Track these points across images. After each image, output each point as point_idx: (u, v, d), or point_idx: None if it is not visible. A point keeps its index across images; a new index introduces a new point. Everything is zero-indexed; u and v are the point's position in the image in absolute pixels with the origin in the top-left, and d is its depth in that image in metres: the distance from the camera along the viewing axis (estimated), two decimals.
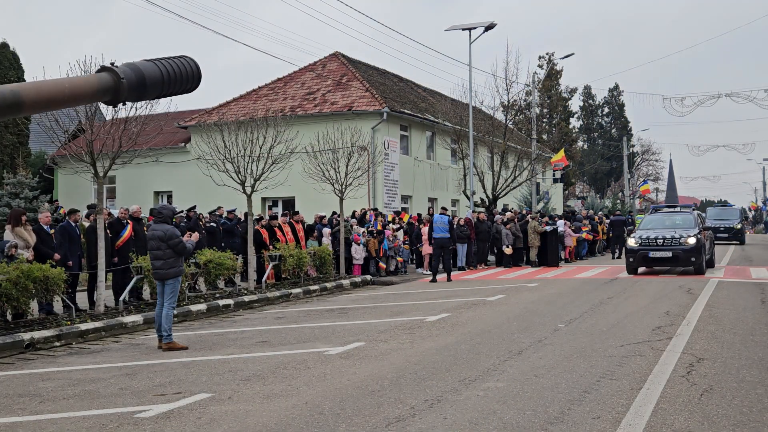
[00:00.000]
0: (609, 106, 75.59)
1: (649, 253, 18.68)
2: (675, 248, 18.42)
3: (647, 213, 23.09)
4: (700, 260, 18.32)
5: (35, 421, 6.29)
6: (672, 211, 21.67)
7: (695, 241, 18.40)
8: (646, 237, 18.99)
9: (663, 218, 20.75)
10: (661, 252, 18.55)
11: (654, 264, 18.99)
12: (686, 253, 18.29)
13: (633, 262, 19.00)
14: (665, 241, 18.63)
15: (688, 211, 21.17)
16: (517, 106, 38.23)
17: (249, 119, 17.28)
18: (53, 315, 12.00)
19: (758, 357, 8.13)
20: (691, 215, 20.28)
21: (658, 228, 19.65)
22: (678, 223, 19.95)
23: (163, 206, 10.33)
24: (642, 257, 18.78)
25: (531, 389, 6.86)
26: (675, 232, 18.82)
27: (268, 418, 6.13)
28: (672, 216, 20.79)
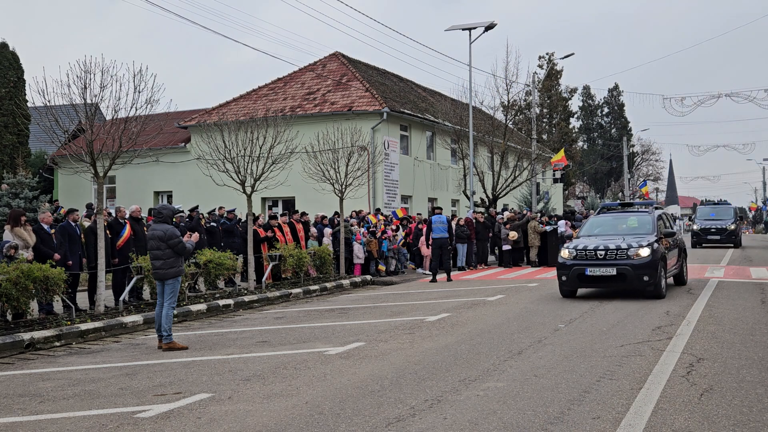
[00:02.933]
0: (609, 106, 75.62)
1: (585, 270, 13.59)
2: (621, 263, 13.43)
3: (594, 213, 17.52)
4: (656, 279, 13.32)
5: (35, 421, 6.29)
6: (626, 212, 16.44)
7: (649, 253, 13.44)
8: (583, 247, 13.95)
9: (612, 221, 15.68)
10: (601, 269, 13.50)
11: (593, 284, 13.90)
12: (636, 271, 13.26)
13: (567, 282, 13.96)
14: (608, 253, 13.60)
15: (646, 211, 15.92)
16: (517, 106, 38.24)
17: (249, 119, 17.28)
18: (53, 315, 12.00)
19: (758, 357, 8.13)
20: (650, 217, 15.25)
21: (604, 234, 14.89)
22: (631, 227, 15.16)
23: (163, 206, 10.33)
24: (577, 276, 13.73)
25: (531, 389, 6.86)
26: (623, 241, 13.92)
27: (268, 418, 6.13)
28: (625, 218, 15.80)
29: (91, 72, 11.93)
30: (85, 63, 11.94)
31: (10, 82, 27.86)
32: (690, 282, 16.68)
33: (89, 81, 11.91)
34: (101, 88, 12.01)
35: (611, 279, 13.51)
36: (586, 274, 13.59)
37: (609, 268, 13.44)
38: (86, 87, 11.90)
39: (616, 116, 75.33)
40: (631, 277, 13.29)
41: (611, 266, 13.45)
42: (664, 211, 16.97)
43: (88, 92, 11.94)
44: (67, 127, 12.55)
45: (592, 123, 75.18)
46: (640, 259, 13.37)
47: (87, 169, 12.64)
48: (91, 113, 12.17)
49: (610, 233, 14.86)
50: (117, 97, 12.16)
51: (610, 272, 13.43)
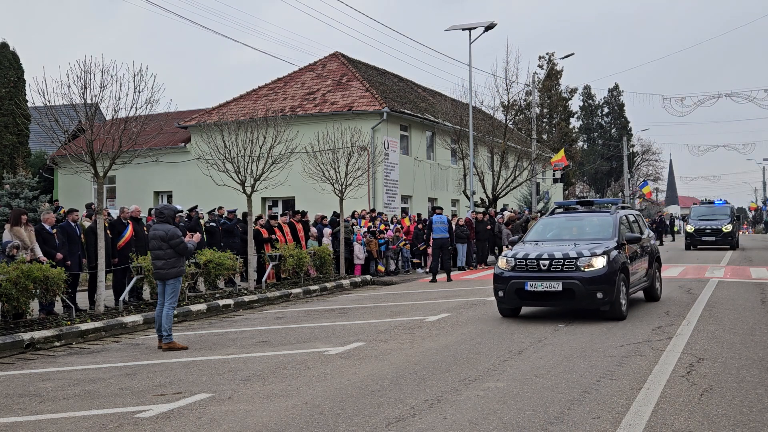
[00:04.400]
0: (609, 106, 75.63)
1: (525, 285, 11.05)
2: (568, 276, 10.84)
3: (546, 213, 14.50)
4: (613, 296, 10.81)
5: (35, 421, 6.29)
6: (583, 212, 13.39)
7: (605, 263, 10.89)
8: (524, 256, 11.36)
9: (565, 223, 12.94)
10: (544, 283, 10.93)
11: (535, 301, 11.30)
12: (587, 286, 10.72)
13: (504, 299, 11.44)
14: (553, 263, 11.01)
15: (606, 211, 12.96)
16: (517, 106, 38.24)
17: (249, 119, 17.28)
18: (53, 315, 12.00)
19: (758, 357, 8.13)
20: (610, 218, 12.33)
21: (554, 239, 12.26)
22: (588, 231, 12.38)
23: (164, 206, 10.33)
24: (515, 291, 11.21)
25: (531, 389, 6.86)
26: (574, 248, 11.23)
27: (268, 418, 6.13)
28: (580, 220, 12.94)
29: (91, 72, 11.93)
30: (85, 63, 11.96)
31: (10, 82, 27.86)
32: (690, 282, 16.68)
33: (89, 81, 11.91)
34: (101, 88, 12.02)
35: (556, 296, 10.89)
36: (526, 289, 10.96)
37: (553, 282, 10.81)
38: (86, 87, 11.90)
39: (616, 116, 75.34)
40: (580, 294, 10.68)
41: (556, 280, 10.81)
42: (634, 212, 14.17)
43: (88, 92, 11.94)
44: (67, 127, 12.55)
45: (592, 123, 75.19)
46: (593, 271, 10.76)
47: (87, 169, 12.64)
48: (91, 113, 12.17)
49: (560, 238, 12.22)
50: (117, 97, 12.18)
51: (554, 287, 10.80)
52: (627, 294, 11.44)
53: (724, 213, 33.80)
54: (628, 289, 11.52)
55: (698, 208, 36.66)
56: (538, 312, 12.27)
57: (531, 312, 12.30)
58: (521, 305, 11.64)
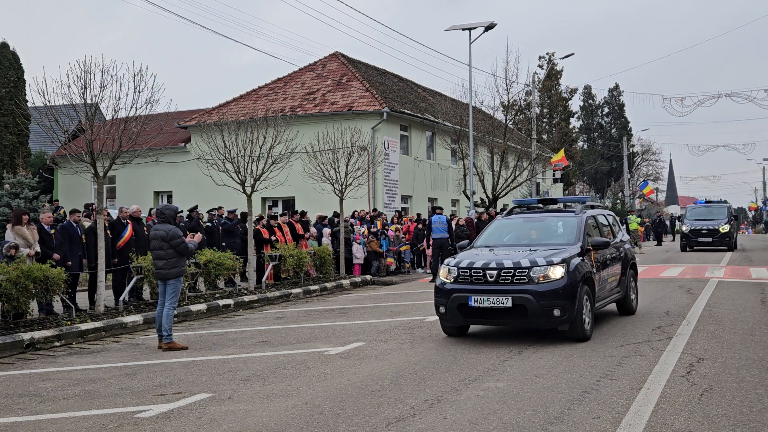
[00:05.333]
0: (609, 106, 75.60)
1: (469, 299, 9.35)
2: (519, 290, 9.15)
3: (503, 214, 12.12)
4: (575, 313, 9.13)
5: (35, 421, 6.29)
6: (543, 213, 11.61)
7: (563, 273, 9.20)
8: (468, 264, 9.60)
9: (522, 225, 11.28)
10: (491, 297, 9.22)
11: (481, 319, 9.57)
12: (542, 301, 9.06)
13: (446, 315, 9.69)
14: (502, 273, 9.28)
15: (571, 211, 11.17)
16: (517, 106, 38.24)
17: (249, 119, 17.28)
18: (53, 315, 12.00)
19: (758, 357, 8.13)
20: (575, 219, 10.62)
21: (508, 244, 10.69)
22: (547, 234, 10.73)
23: (165, 206, 10.33)
24: (458, 307, 9.47)
25: (531, 389, 6.86)
26: (529, 255, 9.51)
27: (268, 418, 6.13)
28: (539, 221, 11.28)
29: (91, 72, 11.93)
30: (85, 63, 11.96)
31: (10, 82, 27.86)
32: (690, 282, 16.69)
33: (89, 81, 11.91)
34: (101, 88, 12.01)
35: (505, 313, 9.16)
36: (470, 305, 9.25)
37: (502, 297, 9.11)
38: (86, 87, 11.90)
39: (617, 116, 75.31)
40: (534, 311, 8.99)
41: (505, 294, 9.11)
42: (606, 211, 12.37)
43: (88, 92, 11.94)
44: (67, 127, 12.55)
45: (592, 123, 75.17)
46: (549, 283, 9.08)
47: (87, 169, 12.64)
48: (91, 113, 12.17)
49: (516, 243, 10.58)
50: (117, 97, 12.18)
51: (503, 303, 9.08)
52: (592, 309, 9.70)
53: (721, 212, 32.51)
54: (593, 304, 9.76)
55: (694, 207, 35.34)
56: None
57: None
58: (465, 323, 9.81)
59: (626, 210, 47.21)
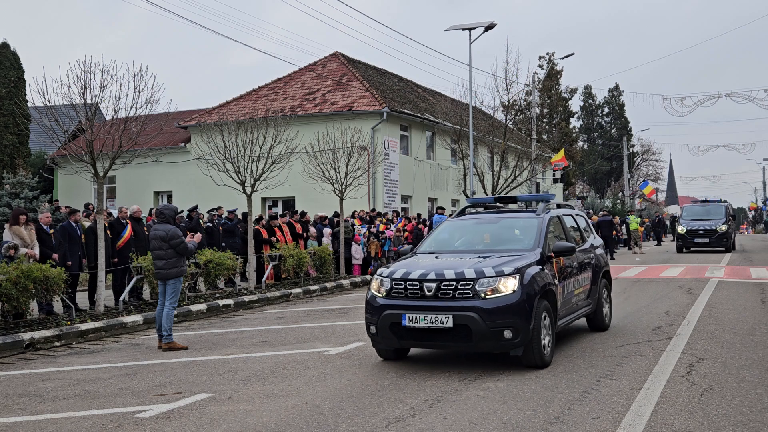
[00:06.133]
0: (609, 106, 75.61)
1: (403, 318, 7.81)
2: (462, 306, 7.64)
3: (454, 215, 10.64)
4: (530, 334, 7.66)
5: (35, 421, 6.29)
6: (500, 213, 10.17)
7: (516, 286, 7.71)
8: (403, 275, 8.10)
9: (474, 227, 9.78)
10: (428, 315, 7.68)
11: (417, 341, 7.99)
12: (489, 320, 7.53)
13: (378, 336, 8.15)
14: (442, 286, 7.77)
15: (531, 212, 9.67)
16: (517, 106, 38.24)
17: (249, 119, 17.28)
18: (53, 315, 12.00)
19: (758, 357, 8.13)
20: (535, 221, 9.15)
21: (456, 251, 9.05)
22: (502, 238, 9.23)
23: (165, 206, 10.33)
24: (390, 326, 7.94)
25: (531, 389, 6.87)
26: (477, 264, 8.00)
27: (268, 418, 6.13)
28: (494, 223, 9.77)
29: (91, 72, 11.94)
30: (85, 63, 11.97)
31: (11, 82, 27.86)
32: (690, 282, 16.69)
33: (89, 81, 11.92)
34: (101, 88, 12.02)
35: (445, 335, 7.60)
36: (404, 324, 7.71)
37: (441, 315, 7.56)
38: (86, 87, 11.91)
39: (617, 116, 75.32)
40: (480, 332, 7.44)
41: (445, 311, 7.57)
42: (575, 211, 11.03)
43: (88, 92, 11.95)
44: (67, 127, 12.55)
45: (592, 123, 75.18)
46: (499, 298, 7.56)
47: (87, 169, 12.65)
48: (91, 113, 12.17)
49: (465, 249, 9.03)
50: (117, 97, 12.19)
51: (442, 322, 7.53)
52: (552, 329, 8.16)
53: (719, 212, 31.27)
54: (554, 322, 8.22)
55: (691, 207, 34.08)
56: None
57: None
58: (400, 346, 8.19)
59: (626, 210, 47.21)
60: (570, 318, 9.13)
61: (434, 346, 8.15)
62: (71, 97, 11.99)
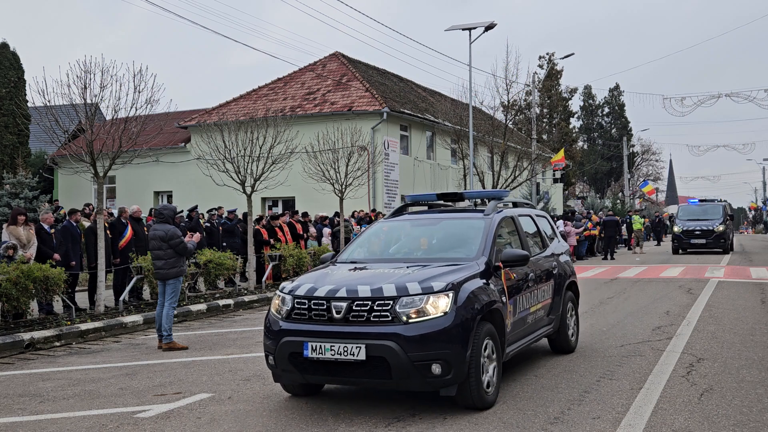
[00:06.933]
0: (609, 106, 75.63)
1: (305, 347, 6.08)
2: (379, 334, 5.94)
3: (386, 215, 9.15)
4: (466, 368, 6.01)
5: (35, 421, 6.29)
6: (441, 214, 8.42)
7: (448, 306, 6.05)
8: (307, 292, 6.41)
9: (410, 231, 8.16)
10: (336, 343, 6.00)
11: (322, 376, 6.26)
12: (412, 351, 5.84)
13: (276, 367, 6.43)
14: (354, 307, 6.09)
15: (478, 212, 7.98)
16: (517, 106, 38.23)
17: (249, 119, 17.28)
18: (53, 315, 12.00)
19: (758, 357, 8.13)
20: (482, 223, 7.53)
21: (381, 259, 7.47)
22: (441, 244, 7.69)
23: (164, 206, 10.33)
24: (290, 357, 6.22)
25: (531, 389, 6.86)
26: (399, 278, 6.32)
27: (268, 418, 6.13)
28: (432, 225, 8.10)
29: (91, 72, 11.95)
30: (85, 63, 11.97)
31: (11, 82, 27.87)
32: (690, 282, 16.69)
33: (89, 81, 11.93)
34: (101, 88, 12.03)
35: (357, 369, 5.98)
36: (306, 355, 6.09)
37: (351, 344, 5.96)
38: (86, 87, 11.91)
39: (617, 116, 75.33)
40: (400, 367, 5.84)
41: (357, 339, 5.97)
42: (534, 211, 9.09)
43: (88, 92, 11.95)
44: (67, 127, 12.55)
45: (592, 123, 75.19)
46: (426, 322, 5.96)
47: (87, 169, 12.65)
48: (91, 113, 12.18)
49: (393, 257, 7.49)
50: (117, 97, 12.20)
51: (352, 354, 5.92)
52: (499, 359, 6.53)
53: (716, 212, 30.28)
54: (501, 350, 6.63)
55: (687, 206, 33.16)
56: None
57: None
58: (304, 380, 6.43)
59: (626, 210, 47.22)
60: (524, 342, 7.52)
61: (345, 382, 6.39)
62: (71, 97, 11.99)
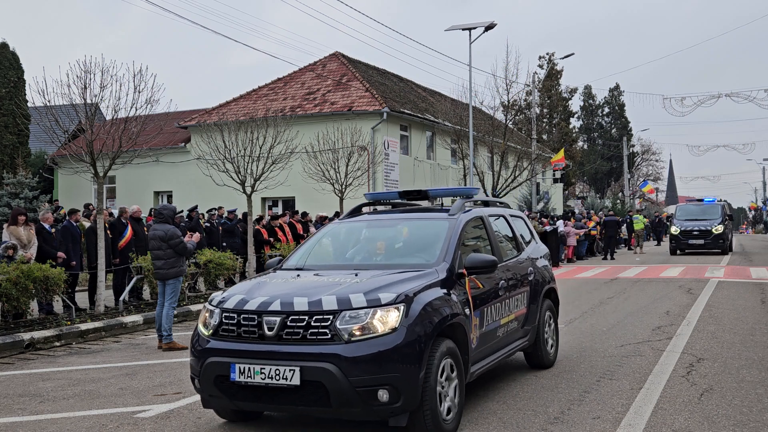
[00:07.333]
0: (609, 106, 75.61)
1: (232, 370, 5.31)
2: (316, 354, 5.13)
3: (341, 215, 8.13)
4: (418, 396, 5.19)
5: (35, 421, 6.29)
6: (402, 214, 7.58)
7: (397, 322, 5.23)
8: (237, 304, 5.58)
9: (366, 233, 7.23)
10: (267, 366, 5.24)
11: (255, 404, 5.48)
12: (356, 375, 5.05)
13: (203, 391, 5.61)
14: (287, 324, 5.28)
15: (442, 211, 7.13)
16: (517, 106, 38.23)
17: (249, 119, 17.30)
18: (53, 315, 11.99)
19: (758, 357, 8.13)
20: (445, 224, 6.63)
21: (331, 266, 6.59)
22: (400, 248, 6.87)
23: (163, 206, 10.33)
24: (215, 381, 5.43)
25: (531, 389, 6.86)
26: (342, 288, 5.50)
27: (268, 418, 6.13)
28: (391, 227, 7.20)
29: (91, 72, 11.95)
30: (85, 63, 11.98)
31: (10, 82, 27.86)
32: (690, 282, 16.69)
33: (89, 81, 11.93)
34: (101, 88, 12.03)
35: (291, 396, 5.25)
36: (233, 379, 5.35)
37: (285, 367, 5.21)
38: (86, 87, 11.92)
39: (617, 116, 75.32)
40: (340, 394, 5.10)
41: (290, 361, 5.22)
42: (507, 211, 8.20)
43: (88, 92, 11.96)
44: (67, 127, 12.56)
45: (592, 123, 75.18)
46: (370, 341, 5.20)
47: (87, 169, 12.65)
48: (91, 113, 12.18)
49: (346, 263, 6.65)
50: (117, 97, 12.21)
51: (285, 378, 5.19)
52: (461, 381, 5.73)
53: (715, 212, 29.58)
54: (464, 371, 5.84)
55: (685, 206, 32.46)
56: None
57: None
58: (234, 407, 5.66)
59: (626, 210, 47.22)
60: (495, 358, 6.68)
61: (278, 410, 5.62)
62: (71, 97, 12.00)
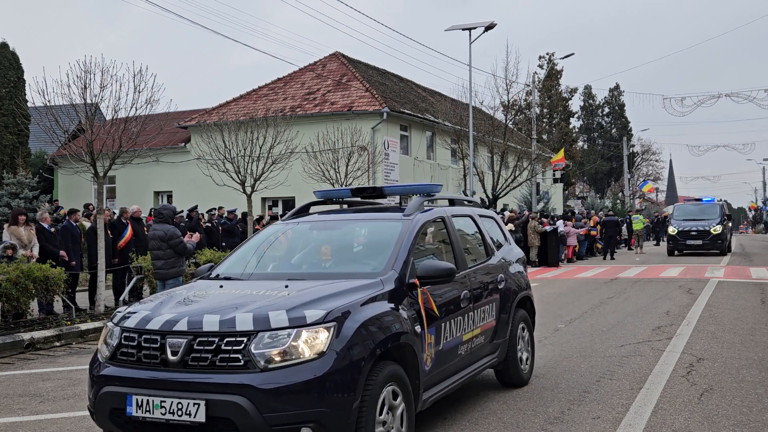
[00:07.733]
0: (609, 106, 75.63)
1: (129, 402, 4.39)
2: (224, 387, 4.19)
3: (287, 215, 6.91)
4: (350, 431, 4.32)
5: (35, 421, 6.29)
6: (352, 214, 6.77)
7: (326, 345, 4.33)
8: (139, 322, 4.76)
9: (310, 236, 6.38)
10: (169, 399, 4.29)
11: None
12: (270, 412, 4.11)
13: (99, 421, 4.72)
14: (194, 347, 4.37)
15: (396, 211, 6.19)
16: (517, 106, 38.22)
17: (249, 119, 17.31)
18: (53, 315, 11.99)
19: (758, 357, 8.13)
20: (398, 226, 5.70)
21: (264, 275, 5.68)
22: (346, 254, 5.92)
23: (163, 206, 10.34)
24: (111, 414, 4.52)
25: (531, 389, 6.86)
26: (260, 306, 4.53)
27: None
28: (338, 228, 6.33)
29: (91, 72, 11.95)
30: (85, 63, 11.98)
31: (10, 82, 27.86)
32: (690, 282, 16.68)
33: (89, 81, 11.93)
34: (101, 88, 12.03)
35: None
36: (130, 413, 4.41)
37: (188, 400, 4.25)
38: (86, 87, 11.92)
39: (617, 116, 75.32)
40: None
41: (195, 393, 4.26)
42: (477, 211, 7.34)
43: (88, 92, 11.96)
44: (67, 127, 12.56)
45: (592, 123, 75.19)
46: (291, 368, 4.25)
47: (87, 169, 12.65)
48: (91, 113, 12.18)
49: (277, 272, 5.79)
50: (117, 97, 12.21)
51: (188, 414, 4.22)
52: (410, 410, 5.02)
53: (713, 212, 29.03)
54: (415, 398, 5.13)
55: (683, 206, 31.95)
56: (538, 312, 12.05)
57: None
58: None
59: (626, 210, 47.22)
60: (456, 380, 5.82)
61: None
62: (71, 97, 12.00)
